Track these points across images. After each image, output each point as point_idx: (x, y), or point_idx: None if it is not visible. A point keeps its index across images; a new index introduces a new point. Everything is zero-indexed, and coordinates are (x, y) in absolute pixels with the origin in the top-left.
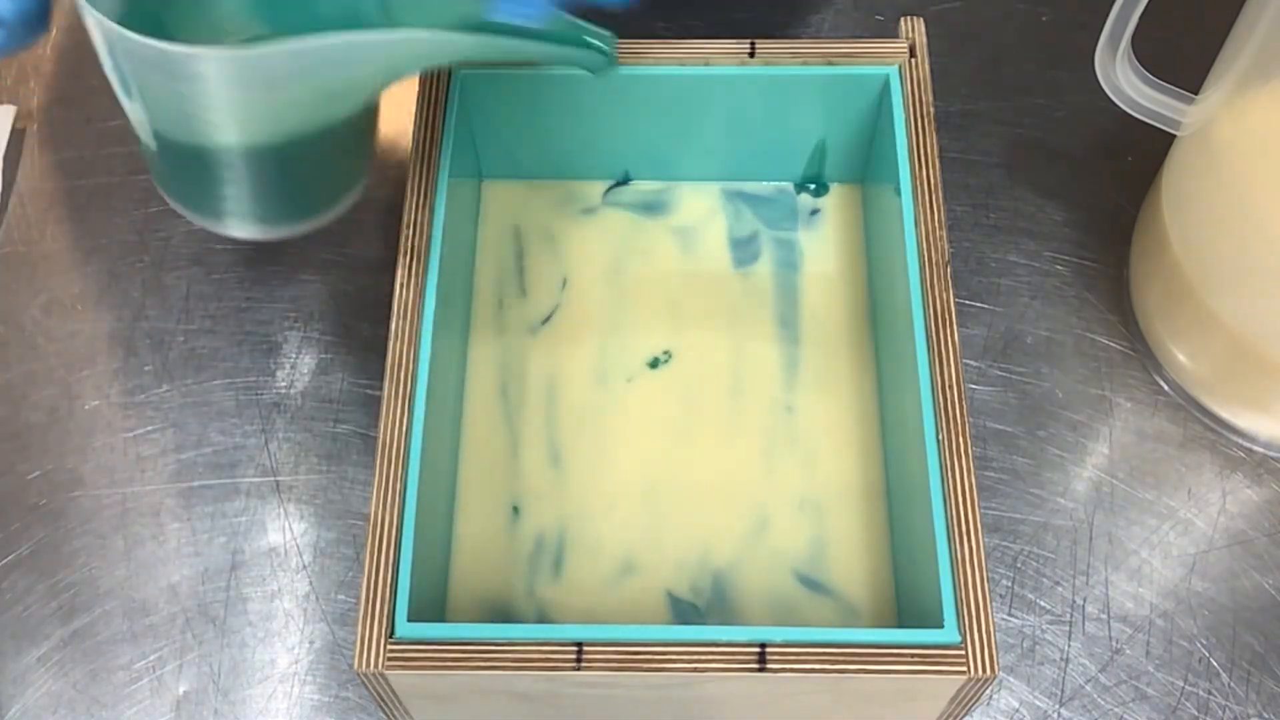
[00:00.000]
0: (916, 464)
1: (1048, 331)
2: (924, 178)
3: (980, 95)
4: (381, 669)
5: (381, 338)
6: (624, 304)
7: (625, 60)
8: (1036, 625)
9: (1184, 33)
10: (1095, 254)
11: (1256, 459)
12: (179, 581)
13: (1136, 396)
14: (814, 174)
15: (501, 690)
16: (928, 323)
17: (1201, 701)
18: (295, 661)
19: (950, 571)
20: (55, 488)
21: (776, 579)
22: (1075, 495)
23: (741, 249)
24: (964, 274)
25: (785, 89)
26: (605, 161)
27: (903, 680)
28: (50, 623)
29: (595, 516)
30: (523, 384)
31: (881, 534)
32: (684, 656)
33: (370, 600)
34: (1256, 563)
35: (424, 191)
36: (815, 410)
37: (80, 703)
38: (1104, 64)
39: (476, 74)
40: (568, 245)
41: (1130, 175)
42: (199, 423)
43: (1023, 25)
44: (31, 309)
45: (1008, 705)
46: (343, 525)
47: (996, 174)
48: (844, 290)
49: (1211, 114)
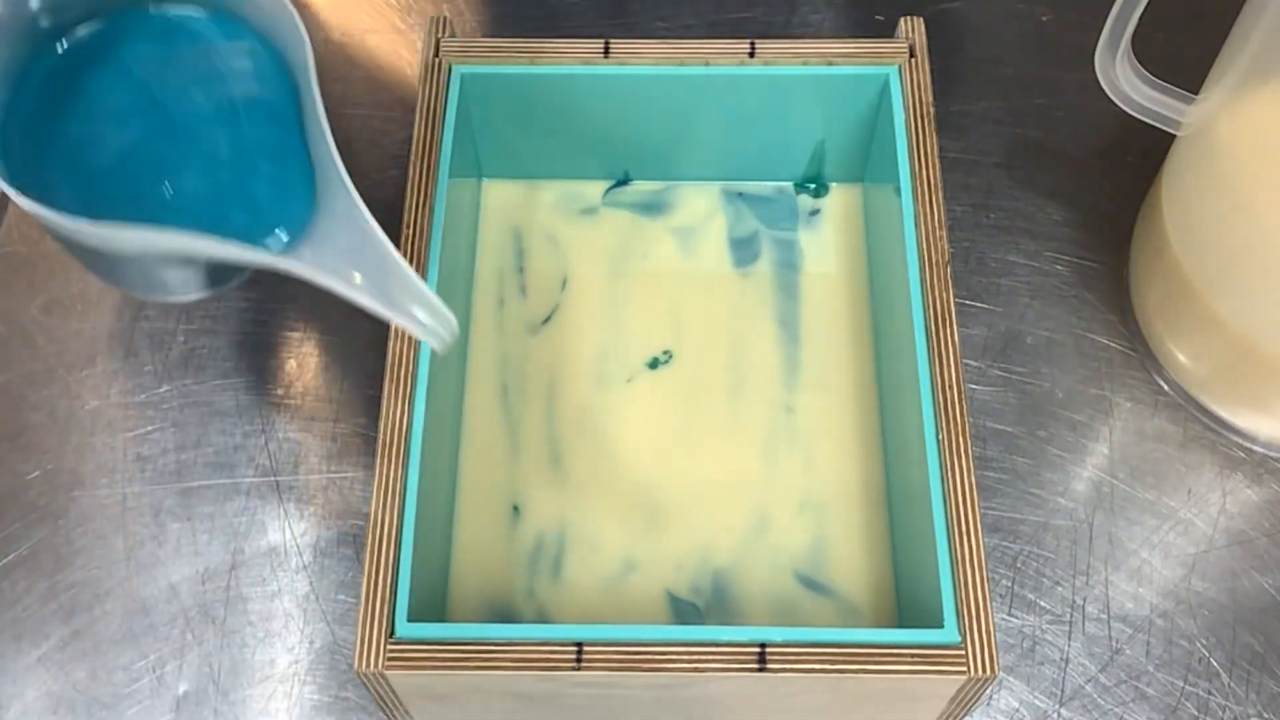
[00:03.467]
0: (916, 464)
1: (1048, 331)
2: (924, 178)
3: (980, 95)
4: (381, 669)
5: (381, 338)
6: (624, 304)
7: (625, 60)
8: (1036, 625)
9: (1184, 33)
10: (1095, 254)
11: (1256, 459)
12: (179, 581)
13: (1136, 396)
14: (814, 174)
15: (501, 690)
16: (928, 323)
17: (1201, 701)
18: (295, 661)
19: (950, 571)
20: (55, 488)
21: (776, 579)
22: (1075, 495)
23: (741, 249)
24: (964, 274)
25: (785, 89)
26: (605, 161)
27: (903, 680)
28: (50, 623)
29: (595, 516)
30: (523, 384)
31: (881, 534)
32: (684, 656)
33: (370, 600)
34: (1256, 563)
35: (424, 191)
36: (815, 410)
37: (80, 703)
38: (1104, 64)
39: (477, 74)
40: (568, 245)
41: (1130, 175)
42: (199, 423)
43: (1023, 25)
44: (31, 309)
45: (1008, 705)
46: (343, 525)
47: (996, 174)
48: (844, 290)
49: (1211, 114)
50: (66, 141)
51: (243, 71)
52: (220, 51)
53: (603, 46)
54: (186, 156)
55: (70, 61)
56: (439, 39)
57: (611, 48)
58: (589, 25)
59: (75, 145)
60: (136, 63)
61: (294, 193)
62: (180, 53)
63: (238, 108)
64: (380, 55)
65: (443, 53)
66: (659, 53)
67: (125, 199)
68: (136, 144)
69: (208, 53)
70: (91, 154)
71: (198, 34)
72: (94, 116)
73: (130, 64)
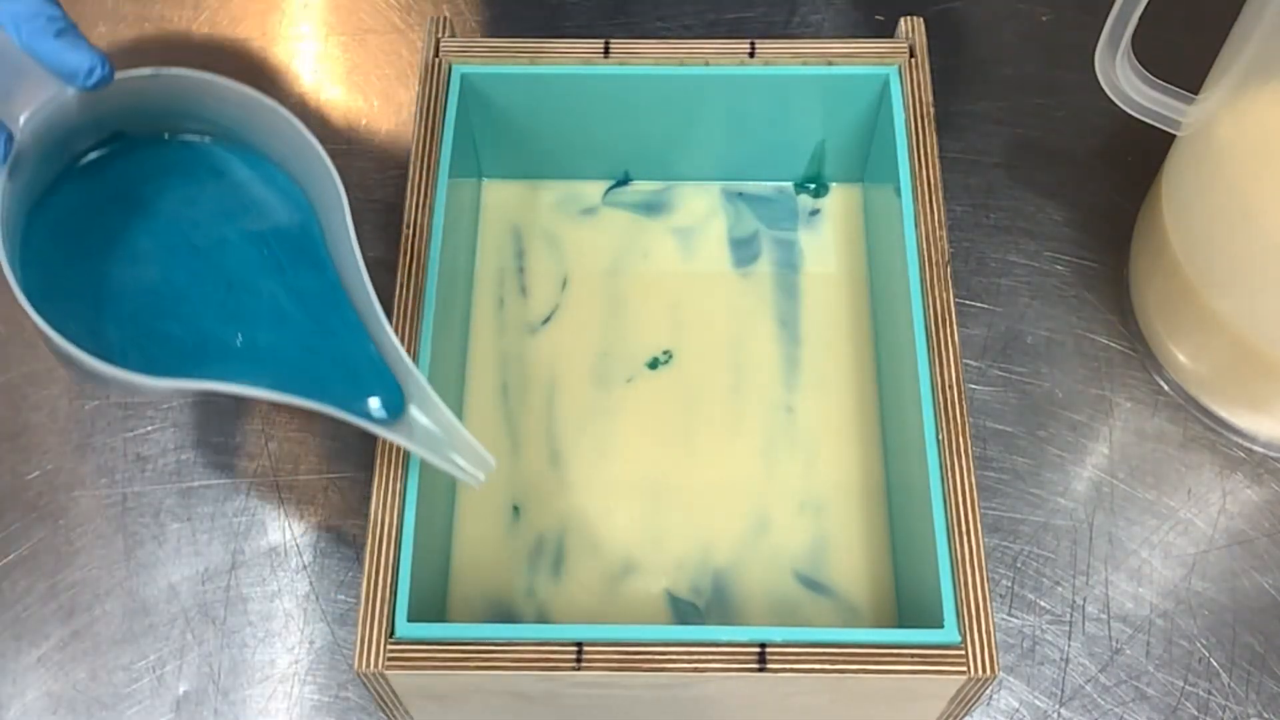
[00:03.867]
0: (916, 464)
1: (1048, 331)
2: (924, 178)
3: (980, 95)
4: (381, 669)
5: None
6: (624, 304)
7: (625, 60)
8: (1036, 625)
9: (1184, 33)
10: (1095, 254)
11: (1256, 459)
12: (179, 581)
13: (1136, 396)
14: (814, 174)
15: (501, 690)
16: (928, 323)
17: (1201, 701)
18: (295, 661)
19: (950, 571)
20: (55, 488)
21: (776, 579)
22: (1075, 495)
23: (741, 249)
24: (964, 274)
25: (785, 89)
26: (605, 161)
27: (903, 680)
28: (50, 623)
29: (595, 516)
30: (523, 384)
31: (881, 534)
32: (684, 656)
33: (370, 600)
34: (1256, 563)
35: (424, 191)
36: (815, 410)
37: (80, 703)
38: (1104, 64)
39: (477, 74)
40: (568, 245)
41: (1130, 175)
42: (199, 423)
43: (1023, 25)
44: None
45: (1008, 705)
46: (343, 525)
47: (996, 174)
48: (844, 290)
49: (1211, 114)
50: (101, 282)
51: (273, 210)
52: (249, 188)
53: (603, 46)
54: (247, 310)
55: (93, 193)
56: (439, 39)
57: (611, 48)
58: (589, 25)
59: (112, 286)
60: (169, 198)
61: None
62: (212, 189)
63: (280, 260)
64: (380, 55)
65: (443, 53)
66: (659, 53)
67: (175, 343)
68: (185, 289)
69: (237, 189)
70: (132, 295)
71: (224, 168)
72: (128, 257)
73: (163, 199)
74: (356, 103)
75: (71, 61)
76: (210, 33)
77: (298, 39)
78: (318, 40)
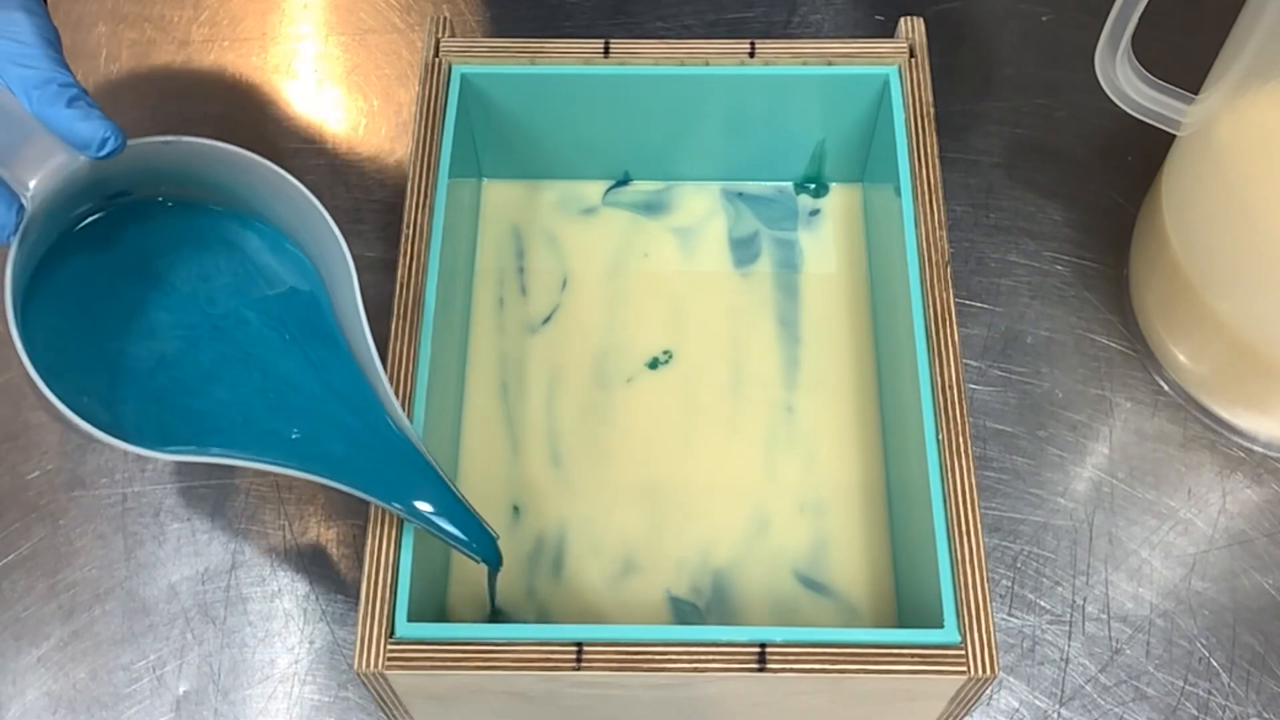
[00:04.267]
0: (916, 464)
1: (1048, 331)
2: (924, 178)
3: (980, 95)
4: (381, 669)
5: (382, 338)
6: (624, 304)
7: (625, 60)
8: (1036, 625)
9: (1184, 33)
10: (1095, 254)
11: (1256, 459)
12: (179, 581)
13: (1136, 396)
14: (814, 174)
15: (501, 690)
16: (928, 323)
17: (1201, 701)
18: (295, 661)
19: (950, 571)
20: (55, 488)
21: (776, 579)
22: (1075, 495)
23: (741, 249)
24: (964, 274)
25: (785, 89)
26: (605, 161)
27: (903, 680)
28: (50, 623)
29: (595, 516)
30: (523, 384)
31: (881, 534)
32: (684, 656)
33: (370, 600)
34: (1256, 563)
35: (424, 191)
36: (815, 410)
37: (80, 703)
38: (1104, 64)
39: (477, 74)
40: (568, 245)
41: (1130, 175)
42: None
43: (1023, 25)
44: None
45: (1008, 705)
46: (343, 525)
47: (996, 174)
48: (844, 290)
49: (1211, 114)
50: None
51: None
52: (258, 257)
53: (603, 46)
54: (273, 389)
55: (100, 260)
56: (439, 39)
57: (611, 48)
58: (589, 25)
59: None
60: (180, 269)
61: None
62: (221, 257)
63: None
64: (380, 55)
65: (443, 53)
66: (659, 53)
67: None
68: (202, 363)
69: (245, 258)
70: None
71: (231, 234)
72: (141, 330)
73: (174, 269)
74: (356, 103)
75: (84, 132)
76: (210, 32)
77: (298, 39)
78: (318, 40)
